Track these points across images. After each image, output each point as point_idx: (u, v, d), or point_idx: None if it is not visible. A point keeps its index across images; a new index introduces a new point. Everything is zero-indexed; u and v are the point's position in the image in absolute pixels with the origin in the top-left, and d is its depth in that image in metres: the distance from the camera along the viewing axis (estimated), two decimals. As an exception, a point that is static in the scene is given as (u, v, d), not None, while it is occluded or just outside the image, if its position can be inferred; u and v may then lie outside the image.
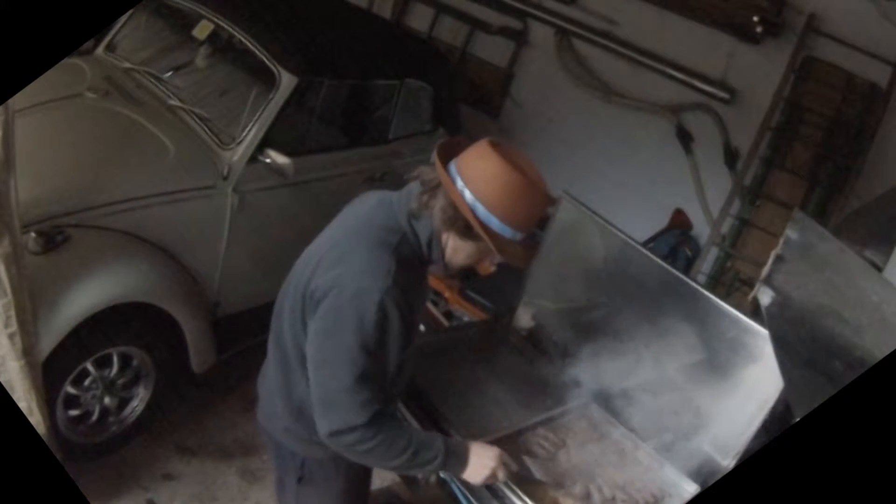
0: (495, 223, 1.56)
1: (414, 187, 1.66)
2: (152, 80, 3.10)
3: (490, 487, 1.85)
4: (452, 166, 1.60)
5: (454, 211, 1.57)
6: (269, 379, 1.83)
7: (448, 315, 3.49)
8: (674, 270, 2.31)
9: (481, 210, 1.55)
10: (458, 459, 1.72)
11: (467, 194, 1.55)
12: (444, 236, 1.63)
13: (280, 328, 1.74)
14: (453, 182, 1.57)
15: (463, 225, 1.58)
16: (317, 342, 1.59)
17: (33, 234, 2.29)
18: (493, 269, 1.74)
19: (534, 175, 1.59)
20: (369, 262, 1.56)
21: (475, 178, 1.56)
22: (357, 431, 1.56)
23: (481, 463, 1.74)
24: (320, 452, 1.78)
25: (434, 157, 1.62)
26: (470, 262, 1.69)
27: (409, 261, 1.61)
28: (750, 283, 4.00)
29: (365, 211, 1.70)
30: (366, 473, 1.98)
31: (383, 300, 1.52)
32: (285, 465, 1.87)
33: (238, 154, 2.85)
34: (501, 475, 1.77)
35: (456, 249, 1.65)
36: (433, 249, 1.65)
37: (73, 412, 2.60)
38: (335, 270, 1.58)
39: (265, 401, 1.86)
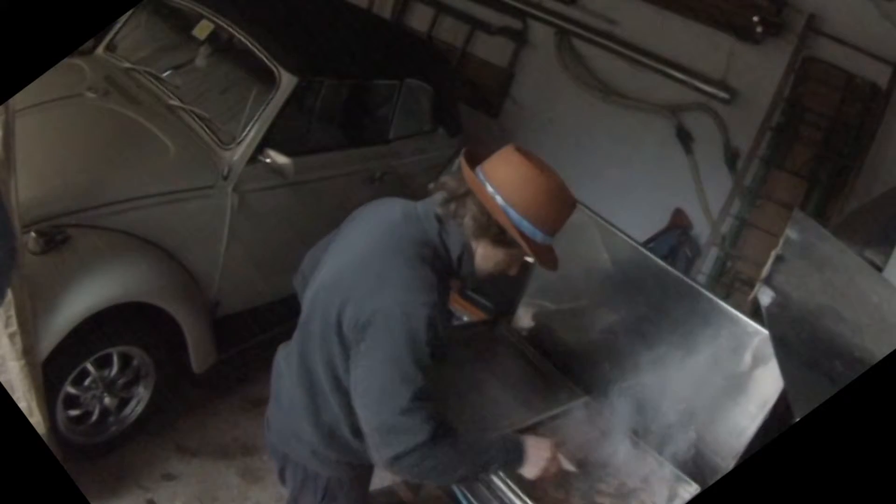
0: (527, 227, 1.58)
1: (438, 198, 1.65)
2: (152, 79, 3.09)
3: (490, 487, 1.85)
4: (479, 173, 1.61)
5: (487, 217, 1.58)
6: (287, 403, 1.77)
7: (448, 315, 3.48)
8: (674, 270, 2.31)
9: (514, 214, 1.57)
10: (516, 454, 1.71)
11: (499, 199, 1.57)
12: (475, 245, 1.63)
13: (307, 352, 1.69)
14: (483, 187, 1.58)
15: (496, 231, 1.59)
16: (371, 372, 1.53)
17: (33, 234, 2.29)
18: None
19: (559, 180, 1.62)
20: (414, 278, 1.54)
21: (505, 183, 1.57)
22: (419, 451, 1.51)
23: (538, 455, 1.73)
24: (347, 472, 1.77)
25: (462, 163, 1.63)
26: (498, 269, 1.69)
27: (443, 274, 1.61)
28: (750, 283, 4.00)
29: (392, 226, 1.66)
30: (370, 479, 1.96)
31: (432, 315, 1.51)
32: (304, 486, 1.82)
33: (238, 154, 2.84)
34: (557, 466, 1.77)
35: (486, 257, 1.65)
36: (464, 261, 1.64)
37: (73, 412, 2.60)
38: (379, 292, 1.54)
39: (282, 425, 1.80)
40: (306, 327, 1.70)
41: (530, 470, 1.73)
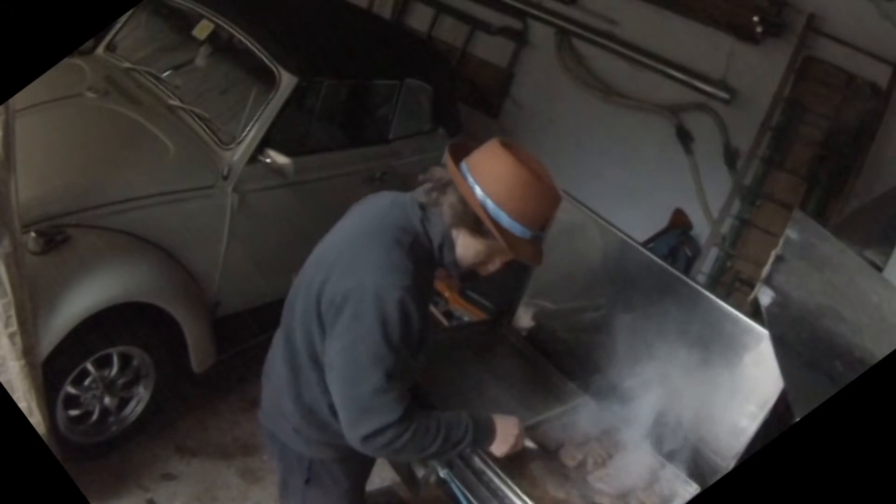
0: (505, 219, 1.59)
1: (425, 188, 1.68)
2: (152, 79, 3.10)
3: (490, 487, 1.85)
4: (463, 165, 1.63)
5: (464, 206, 1.60)
6: (275, 380, 1.81)
7: (448, 315, 3.49)
8: (674, 270, 2.31)
9: (491, 206, 1.58)
10: (486, 432, 1.77)
11: (478, 190, 1.59)
12: (455, 234, 1.65)
13: (291, 329, 1.73)
14: (464, 178, 1.60)
15: (473, 221, 1.60)
16: (344, 352, 1.58)
17: (33, 234, 2.29)
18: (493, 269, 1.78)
19: (544, 174, 1.63)
20: (387, 261, 1.57)
21: (485, 175, 1.59)
22: (391, 429, 1.56)
23: (506, 432, 1.79)
24: (329, 453, 1.79)
25: (445, 154, 1.65)
26: (479, 260, 1.70)
27: (423, 261, 1.63)
28: (750, 283, 4.00)
29: (377, 212, 1.70)
30: (366, 472, 1.99)
31: (403, 298, 1.53)
32: (291, 467, 1.86)
33: (238, 154, 2.85)
34: (522, 443, 1.84)
35: (466, 247, 1.66)
36: (445, 250, 1.66)
37: (73, 412, 2.59)
38: (353, 274, 1.57)
39: (270, 403, 1.85)
40: (291, 305, 1.75)
41: (499, 447, 1.80)
